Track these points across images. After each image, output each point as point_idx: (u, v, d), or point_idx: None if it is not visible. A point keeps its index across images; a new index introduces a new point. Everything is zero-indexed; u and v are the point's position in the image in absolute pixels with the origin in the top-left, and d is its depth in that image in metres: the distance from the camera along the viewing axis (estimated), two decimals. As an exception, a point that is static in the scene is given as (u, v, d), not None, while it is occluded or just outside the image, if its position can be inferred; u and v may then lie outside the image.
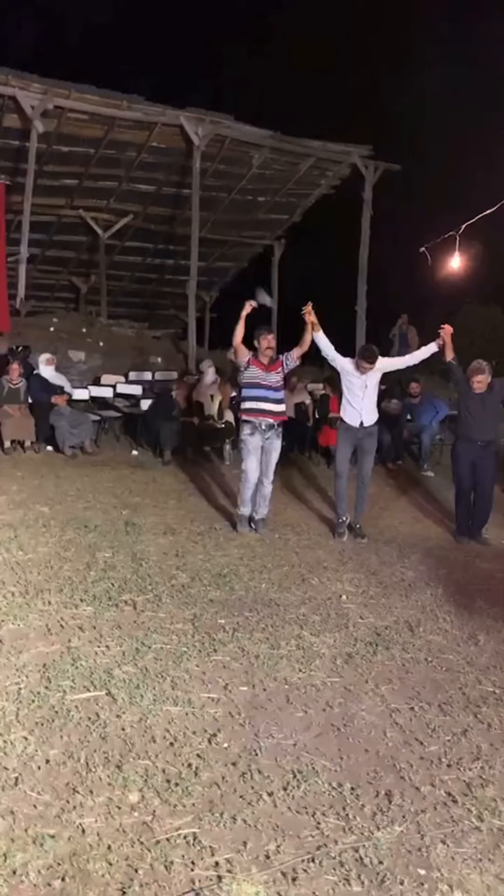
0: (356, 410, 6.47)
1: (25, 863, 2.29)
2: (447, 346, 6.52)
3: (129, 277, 16.95)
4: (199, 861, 2.37)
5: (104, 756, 2.88)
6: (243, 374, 6.36)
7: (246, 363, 6.29)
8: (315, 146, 13.59)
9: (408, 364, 6.85)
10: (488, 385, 6.52)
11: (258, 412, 6.25)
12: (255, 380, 6.27)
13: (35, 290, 14.71)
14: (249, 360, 6.27)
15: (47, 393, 9.12)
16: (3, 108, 11.43)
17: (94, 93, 11.58)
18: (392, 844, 2.52)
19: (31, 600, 4.39)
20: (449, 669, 3.90)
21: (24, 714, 3.13)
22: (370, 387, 6.46)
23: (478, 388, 6.49)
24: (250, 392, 6.29)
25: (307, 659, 3.91)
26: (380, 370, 6.54)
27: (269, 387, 6.26)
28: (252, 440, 6.25)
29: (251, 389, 6.29)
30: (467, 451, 6.61)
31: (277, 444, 6.37)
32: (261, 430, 6.24)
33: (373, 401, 6.54)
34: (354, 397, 6.48)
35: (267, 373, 6.26)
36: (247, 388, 6.33)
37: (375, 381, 6.52)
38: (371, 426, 6.51)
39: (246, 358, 6.27)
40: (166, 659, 3.76)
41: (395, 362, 6.86)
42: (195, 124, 12.27)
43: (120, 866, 2.32)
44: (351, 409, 6.50)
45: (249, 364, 6.28)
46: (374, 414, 6.55)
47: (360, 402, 6.45)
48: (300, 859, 2.42)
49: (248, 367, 6.28)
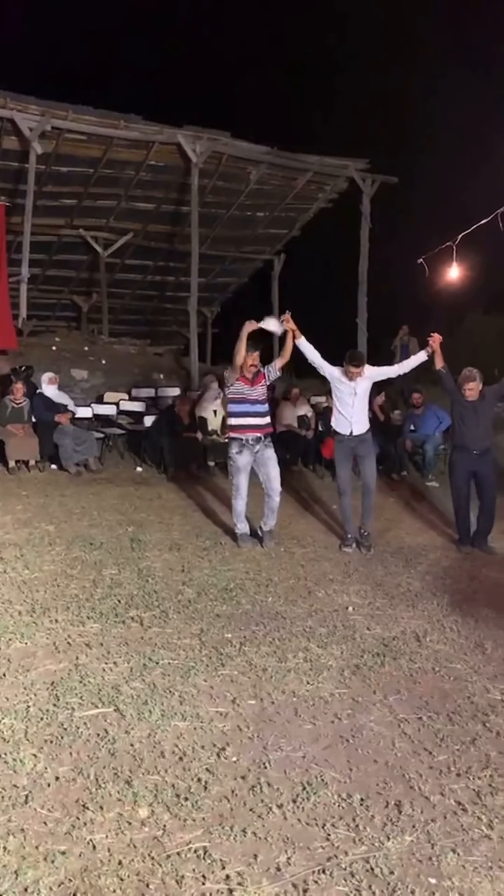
0: (346, 419, 6.47)
1: (37, 880, 2.30)
2: (437, 355, 6.53)
3: (130, 295, 17.06)
4: (209, 875, 2.38)
5: (113, 772, 2.89)
6: (228, 389, 6.42)
7: (233, 380, 6.34)
8: (312, 161, 13.72)
9: (398, 373, 6.84)
10: (480, 393, 6.52)
11: (244, 428, 6.29)
12: (240, 395, 6.31)
13: (36, 309, 14.81)
14: (237, 378, 6.32)
15: (51, 412, 9.17)
16: (1, 131, 11.57)
17: (91, 113, 11.73)
18: (402, 854, 2.52)
19: (38, 618, 4.40)
20: (457, 678, 3.90)
21: (33, 732, 3.14)
22: (360, 394, 6.46)
23: (470, 396, 6.49)
24: (235, 408, 6.35)
25: (315, 671, 3.91)
26: (369, 378, 6.54)
27: (254, 401, 6.31)
28: (241, 458, 6.29)
29: (236, 405, 6.34)
30: (463, 460, 6.61)
31: (270, 454, 6.37)
32: (249, 445, 6.28)
33: (363, 409, 6.55)
34: (344, 405, 6.48)
35: (251, 387, 6.31)
36: (232, 403, 6.38)
37: (365, 388, 6.52)
38: (362, 434, 6.51)
39: (236, 376, 6.32)
40: (174, 674, 3.77)
41: (385, 371, 6.83)
42: (192, 142, 12.40)
43: (131, 881, 2.33)
44: (341, 418, 6.50)
45: (236, 381, 6.32)
46: (365, 423, 6.55)
47: (349, 409, 6.45)
48: (311, 871, 2.42)
49: (234, 383, 6.33)
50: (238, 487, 6.32)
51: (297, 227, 16.06)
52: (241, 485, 6.31)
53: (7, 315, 11.41)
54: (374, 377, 6.62)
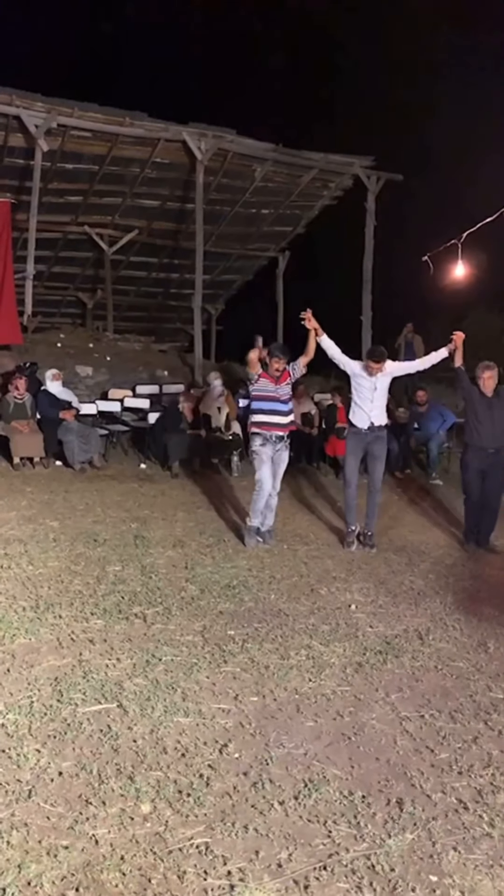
0: (365, 413, 6.49)
1: (40, 874, 2.32)
2: (458, 352, 6.53)
3: (135, 292, 17.05)
4: (211, 870, 2.39)
5: (116, 768, 2.90)
6: (253, 385, 6.45)
7: (257, 377, 6.38)
8: (317, 158, 13.70)
9: (418, 368, 6.87)
10: (495, 391, 6.53)
11: (269, 425, 6.34)
12: (266, 393, 6.36)
13: (41, 306, 14.82)
14: (260, 374, 6.36)
15: (55, 408, 9.18)
16: (7, 128, 11.57)
17: (96, 110, 11.72)
18: (404, 852, 2.53)
19: (42, 614, 4.42)
20: (459, 677, 3.91)
21: (37, 727, 3.16)
22: (380, 389, 6.49)
23: (487, 386, 6.49)
24: (261, 405, 6.38)
25: (317, 668, 3.92)
26: (390, 373, 6.57)
27: (279, 399, 6.36)
28: (264, 450, 6.34)
29: (262, 402, 6.37)
30: (476, 458, 6.61)
31: (286, 457, 6.47)
32: (272, 441, 6.33)
33: (382, 404, 6.57)
34: (364, 400, 6.50)
35: (277, 385, 6.37)
36: (257, 401, 6.41)
37: (385, 384, 6.55)
38: (380, 429, 6.52)
39: (258, 372, 6.36)
40: (177, 671, 3.79)
41: (406, 366, 6.88)
42: (197, 139, 12.39)
43: (133, 876, 2.34)
44: (360, 412, 6.52)
45: (260, 377, 6.37)
46: (384, 417, 6.58)
47: (369, 404, 6.48)
48: (312, 867, 2.43)
49: (259, 379, 6.37)
50: (261, 482, 6.32)
51: (302, 225, 16.04)
52: (265, 478, 6.31)
53: (13, 311, 11.43)
54: (394, 373, 6.65)
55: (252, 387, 6.51)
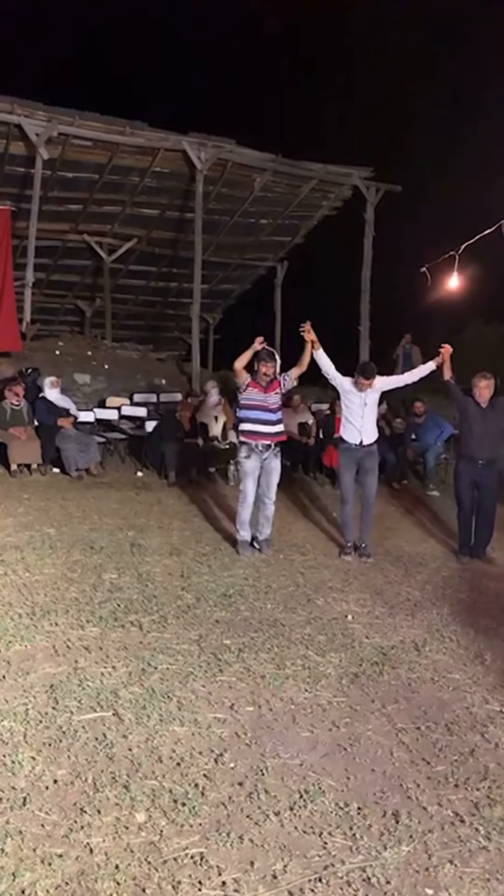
0: (356, 429, 6.50)
1: (34, 882, 2.30)
2: (446, 366, 6.56)
3: (134, 300, 17.08)
4: (206, 881, 2.38)
5: (111, 776, 2.89)
6: (241, 395, 6.42)
7: (245, 385, 6.34)
8: (316, 168, 13.77)
9: (406, 382, 6.86)
10: (490, 402, 6.55)
11: (255, 434, 6.29)
12: (254, 401, 6.32)
13: (40, 313, 14.84)
14: (249, 383, 6.32)
15: (53, 415, 9.18)
16: (8, 136, 11.61)
17: (97, 119, 11.77)
18: (399, 864, 2.52)
19: (38, 621, 4.41)
20: (455, 689, 3.90)
21: (32, 734, 3.14)
22: (369, 405, 6.50)
23: (482, 396, 6.50)
24: (248, 414, 6.34)
25: (313, 679, 3.91)
26: (379, 389, 6.59)
27: (267, 408, 6.31)
28: (249, 463, 6.29)
29: (249, 411, 6.34)
30: (468, 470, 6.62)
31: (277, 464, 6.40)
32: (258, 451, 6.29)
33: (373, 419, 6.58)
34: (354, 416, 6.51)
35: (266, 394, 6.31)
36: (245, 409, 6.38)
37: (375, 399, 6.56)
38: (371, 445, 6.54)
39: (246, 380, 6.33)
40: (172, 679, 3.78)
41: (394, 380, 6.87)
42: (197, 149, 12.45)
43: (128, 886, 2.33)
44: (351, 428, 6.54)
45: (248, 386, 6.33)
46: (374, 433, 6.59)
47: (359, 420, 6.49)
48: (307, 879, 2.42)
49: (247, 388, 6.33)
50: (245, 494, 6.32)
51: (301, 235, 16.11)
52: (249, 491, 6.31)
53: (13, 318, 11.45)
54: (383, 387, 6.66)
55: (240, 395, 6.47)
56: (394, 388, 7.13)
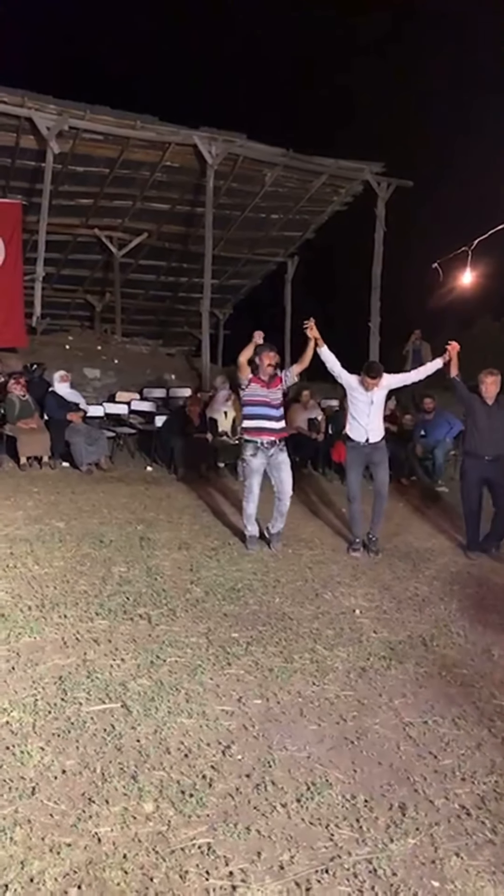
0: (362, 427, 6.48)
1: (42, 870, 2.32)
2: (453, 363, 6.53)
3: (144, 295, 17.10)
4: (213, 871, 2.39)
5: (119, 767, 2.91)
6: (244, 391, 6.41)
7: (247, 382, 6.33)
8: (327, 163, 13.73)
9: (413, 380, 6.83)
10: (496, 399, 6.52)
11: (259, 431, 6.29)
12: (256, 398, 6.30)
13: (50, 308, 14.88)
14: (251, 379, 6.31)
15: (63, 410, 9.21)
16: (19, 130, 11.63)
17: (108, 113, 11.76)
18: (406, 856, 2.53)
19: (48, 613, 4.43)
20: (463, 684, 3.90)
21: (41, 725, 3.17)
22: (376, 403, 6.47)
23: (489, 392, 6.48)
24: (252, 410, 6.34)
25: (321, 673, 3.92)
26: (386, 387, 6.56)
27: (269, 404, 6.30)
28: (254, 461, 6.29)
29: (252, 408, 6.33)
30: (475, 467, 6.59)
31: (284, 458, 6.38)
32: (263, 448, 6.27)
33: (379, 417, 6.54)
34: (360, 414, 6.49)
35: (268, 390, 6.30)
36: (248, 406, 6.37)
37: (381, 397, 6.53)
38: (378, 442, 6.52)
39: (248, 376, 6.32)
40: (181, 672, 3.79)
41: (401, 378, 6.83)
42: (208, 143, 12.43)
43: (136, 875, 2.34)
44: (357, 426, 6.51)
45: (250, 382, 6.32)
46: (381, 431, 6.56)
47: (365, 418, 6.46)
48: (314, 870, 2.43)
49: (249, 384, 6.32)
50: (250, 490, 6.32)
51: (312, 230, 16.08)
52: (254, 488, 6.32)
53: (20, 313, 11.48)
54: (390, 385, 6.62)
55: (243, 392, 6.46)
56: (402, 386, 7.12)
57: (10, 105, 11.11)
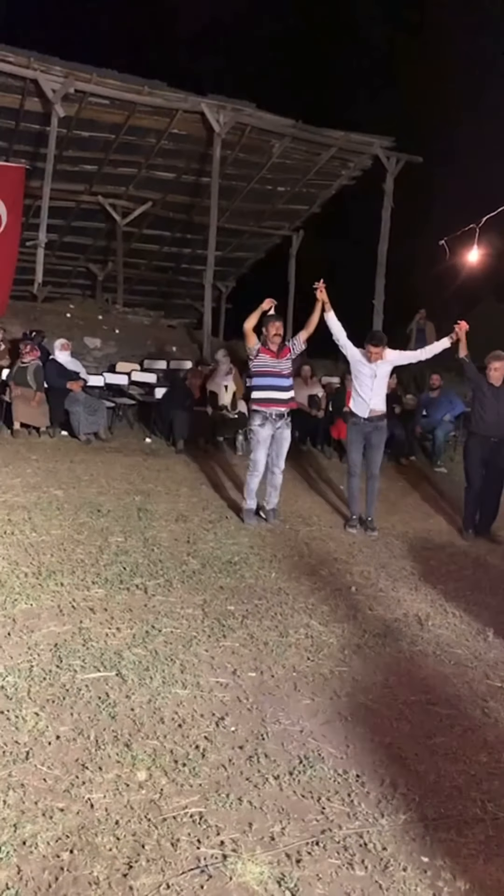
0: (364, 401, 6.45)
1: (35, 834, 2.33)
2: (461, 343, 6.49)
3: (146, 265, 16.94)
4: (204, 839, 2.40)
5: (113, 734, 2.92)
6: (253, 362, 6.36)
7: (256, 351, 6.28)
8: (337, 136, 13.53)
9: (420, 358, 6.80)
10: (503, 383, 6.49)
11: (269, 402, 6.26)
12: (266, 368, 6.27)
13: (52, 275, 14.73)
14: (259, 349, 6.27)
15: (63, 378, 9.14)
16: (24, 92, 11.44)
17: (115, 77, 11.57)
18: (396, 831, 2.55)
19: (44, 581, 4.43)
20: (457, 664, 3.92)
21: (36, 691, 3.17)
22: (379, 377, 6.44)
23: (495, 377, 6.46)
24: (261, 381, 6.30)
25: (315, 648, 3.93)
26: (390, 362, 6.52)
27: (279, 374, 6.27)
28: (262, 431, 6.26)
29: (262, 378, 6.29)
30: (479, 447, 6.58)
31: (287, 434, 6.38)
32: (271, 419, 6.25)
33: (382, 392, 6.51)
34: (363, 387, 6.46)
35: (277, 360, 6.27)
36: (257, 377, 6.33)
37: (385, 372, 6.50)
38: (379, 419, 6.49)
39: (256, 346, 6.27)
40: (176, 643, 3.80)
41: (408, 356, 6.81)
42: (216, 111, 12.24)
43: (127, 841, 2.35)
44: (359, 400, 6.49)
45: (259, 352, 6.27)
46: (383, 406, 6.53)
47: (368, 392, 6.43)
48: (304, 842, 2.45)
49: (258, 355, 6.28)
50: (256, 463, 6.30)
51: (318, 204, 15.89)
52: (260, 460, 6.29)
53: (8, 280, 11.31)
54: (395, 361, 6.60)
55: (251, 362, 6.41)
56: (407, 364, 7.08)
57: (16, 66, 10.92)
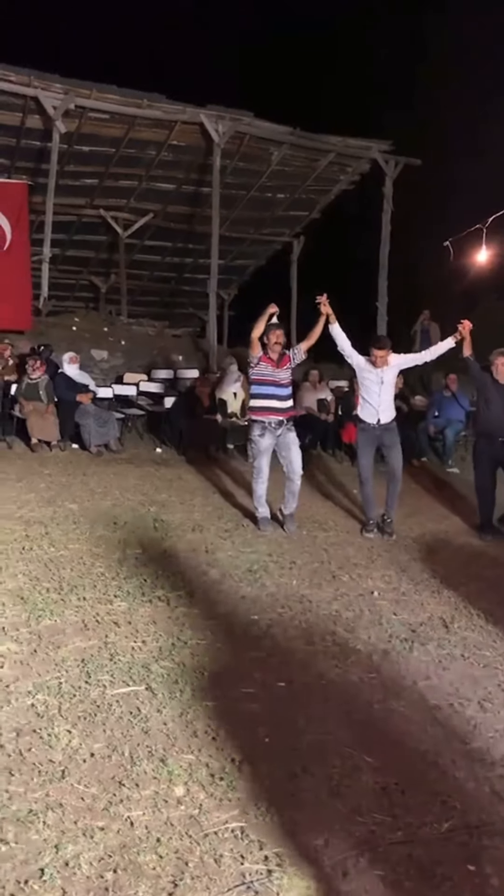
0: (373, 408, 6.42)
1: (77, 854, 2.30)
2: (466, 342, 6.47)
3: (149, 276, 16.98)
4: (248, 855, 2.37)
5: (147, 750, 2.89)
6: (253, 370, 6.35)
7: (256, 360, 6.27)
8: (334, 142, 13.58)
9: (425, 360, 6.77)
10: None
11: (267, 410, 6.24)
12: (265, 377, 6.26)
13: (55, 289, 14.74)
14: (260, 357, 6.25)
15: (72, 391, 9.15)
16: (25, 109, 11.49)
17: (114, 92, 11.63)
18: (440, 841, 2.51)
19: (66, 596, 4.41)
20: (486, 665, 3.88)
21: (67, 708, 3.14)
22: (386, 383, 6.41)
23: (501, 373, 6.44)
24: (260, 389, 6.29)
25: (343, 655, 3.90)
26: (396, 366, 6.51)
27: (278, 384, 6.25)
28: (262, 441, 6.24)
29: (261, 387, 6.28)
30: (488, 447, 6.56)
31: (293, 437, 6.33)
32: (271, 429, 6.23)
33: (390, 398, 6.49)
34: (371, 394, 6.44)
35: (276, 369, 6.26)
36: (256, 385, 6.32)
37: (392, 377, 6.47)
38: (389, 423, 6.47)
39: (258, 355, 6.26)
40: (203, 654, 3.77)
41: (412, 358, 6.79)
42: (215, 122, 12.28)
43: (170, 859, 2.32)
44: (368, 407, 6.46)
45: (260, 361, 6.26)
46: (392, 412, 6.50)
47: (376, 398, 6.41)
48: (349, 855, 2.41)
49: (258, 363, 6.27)
50: (259, 471, 6.29)
51: (318, 210, 15.92)
52: (263, 468, 6.28)
53: (27, 295, 11.39)
54: (400, 365, 6.58)
55: (251, 370, 6.39)
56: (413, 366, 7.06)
57: (17, 84, 10.97)
